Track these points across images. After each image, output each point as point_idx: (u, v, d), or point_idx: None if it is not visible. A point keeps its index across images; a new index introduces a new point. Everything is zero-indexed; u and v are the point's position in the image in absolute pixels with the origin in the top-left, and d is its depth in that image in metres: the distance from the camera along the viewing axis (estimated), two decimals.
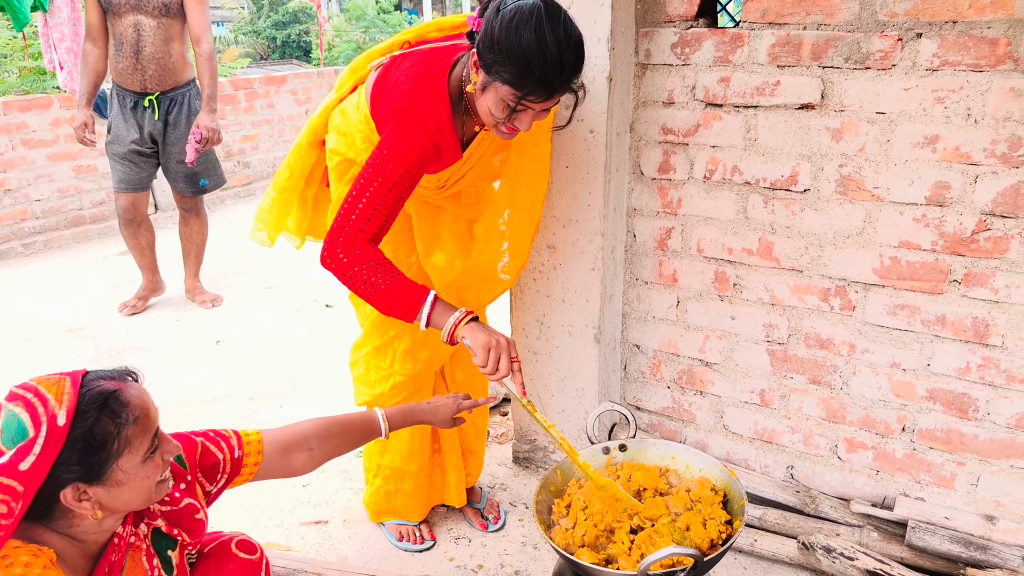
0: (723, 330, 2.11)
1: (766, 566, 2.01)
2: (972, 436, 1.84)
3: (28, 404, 1.01)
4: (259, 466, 1.38)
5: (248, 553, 1.38)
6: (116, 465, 1.06)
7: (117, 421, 1.06)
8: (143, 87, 3.53)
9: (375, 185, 1.50)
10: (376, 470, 2.11)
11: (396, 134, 1.53)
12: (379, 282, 1.48)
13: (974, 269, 1.72)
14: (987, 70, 1.59)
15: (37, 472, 0.99)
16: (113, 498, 1.08)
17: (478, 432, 2.20)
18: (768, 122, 1.86)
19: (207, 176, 3.85)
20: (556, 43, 1.37)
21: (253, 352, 3.52)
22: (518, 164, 1.80)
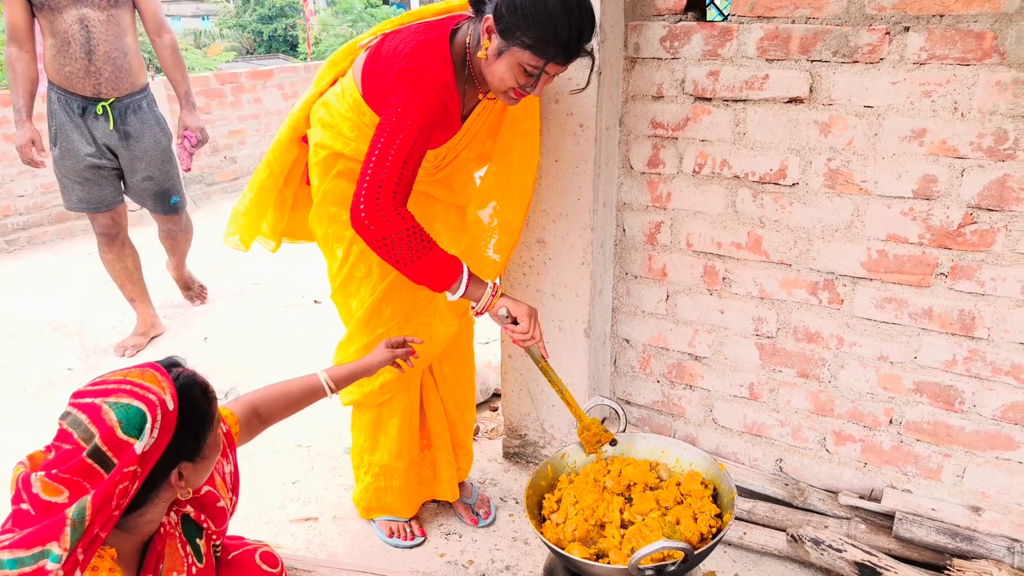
0: (712, 324, 2.11)
1: (755, 559, 2.02)
2: (958, 428, 1.85)
3: (134, 394, 1.03)
4: (239, 436, 1.44)
5: (271, 566, 1.41)
6: (207, 441, 1.14)
7: (207, 398, 1.14)
8: (96, 92, 2.97)
9: (397, 143, 1.47)
10: (366, 467, 2.10)
11: (407, 91, 1.51)
12: (419, 251, 1.47)
13: (960, 262, 1.73)
14: (974, 64, 1.59)
15: (152, 454, 1.04)
16: (199, 475, 1.14)
17: (467, 427, 2.20)
18: (757, 116, 1.86)
19: (178, 192, 3.36)
20: (578, 8, 1.41)
21: (241, 349, 3.49)
22: (510, 139, 1.80)
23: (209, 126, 6.50)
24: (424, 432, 2.13)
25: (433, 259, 1.49)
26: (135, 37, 3.07)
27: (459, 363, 2.11)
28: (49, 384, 3.17)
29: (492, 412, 2.83)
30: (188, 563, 1.22)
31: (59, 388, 3.12)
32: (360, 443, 2.09)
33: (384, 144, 1.47)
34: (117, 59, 2.96)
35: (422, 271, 1.49)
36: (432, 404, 2.09)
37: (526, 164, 1.84)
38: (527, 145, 1.82)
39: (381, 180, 1.45)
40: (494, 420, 2.76)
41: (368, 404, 1.99)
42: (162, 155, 3.20)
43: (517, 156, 1.82)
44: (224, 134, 6.65)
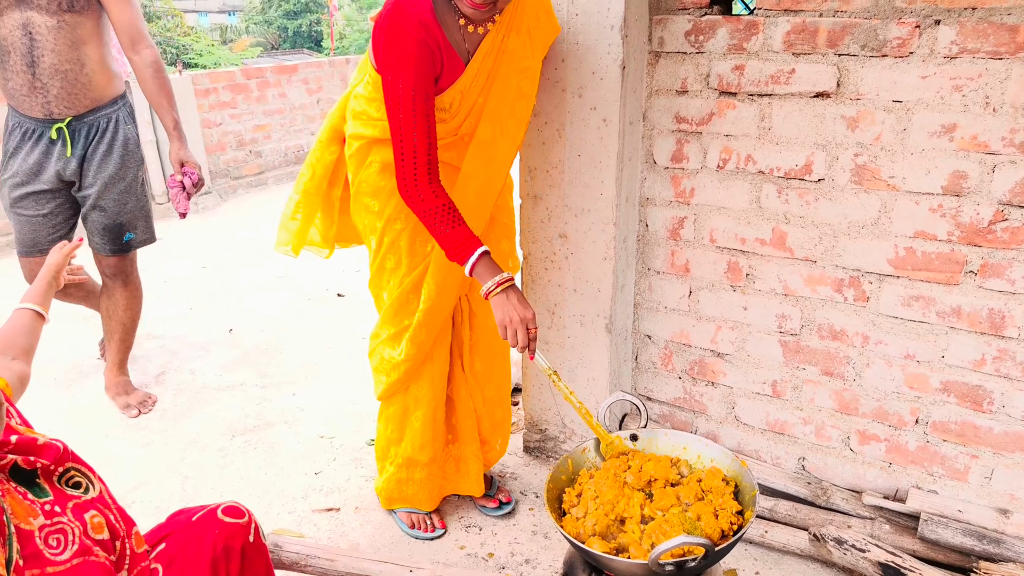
0: (735, 321, 2.10)
1: (777, 557, 2.00)
2: (987, 429, 1.82)
3: None
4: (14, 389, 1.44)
5: (235, 517, 1.39)
6: None
7: None
8: (47, 112, 2.44)
9: (400, 118, 1.58)
10: (391, 458, 2.12)
11: (385, 50, 1.56)
12: (445, 228, 1.63)
13: (991, 260, 1.70)
14: (1006, 57, 1.56)
15: None
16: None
17: (494, 424, 2.19)
18: (783, 111, 1.84)
19: (133, 227, 2.71)
20: None
21: (265, 341, 3.54)
22: (507, 75, 1.75)
23: (235, 121, 6.58)
24: (450, 427, 2.14)
25: (457, 235, 1.63)
26: (101, 46, 2.49)
27: (491, 360, 2.10)
28: (79, 373, 3.23)
29: (513, 406, 2.84)
30: (39, 506, 1.21)
31: (90, 377, 3.19)
32: (387, 434, 2.11)
33: (393, 126, 1.60)
34: (70, 72, 2.40)
35: (448, 243, 1.64)
36: (463, 399, 2.10)
37: (521, 103, 1.81)
38: (524, 84, 1.79)
39: (405, 158, 1.60)
40: (515, 414, 2.77)
41: (392, 395, 2.02)
42: (120, 180, 2.61)
43: (513, 93, 1.78)
44: (249, 128, 6.73)
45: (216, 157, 6.46)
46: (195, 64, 9.79)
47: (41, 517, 1.20)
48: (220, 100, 6.41)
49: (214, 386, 3.10)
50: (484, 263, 1.62)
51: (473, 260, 1.62)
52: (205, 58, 9.96)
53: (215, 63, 9.74)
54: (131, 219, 2.69)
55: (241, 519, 1.40)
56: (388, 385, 1.99)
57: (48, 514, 1.21)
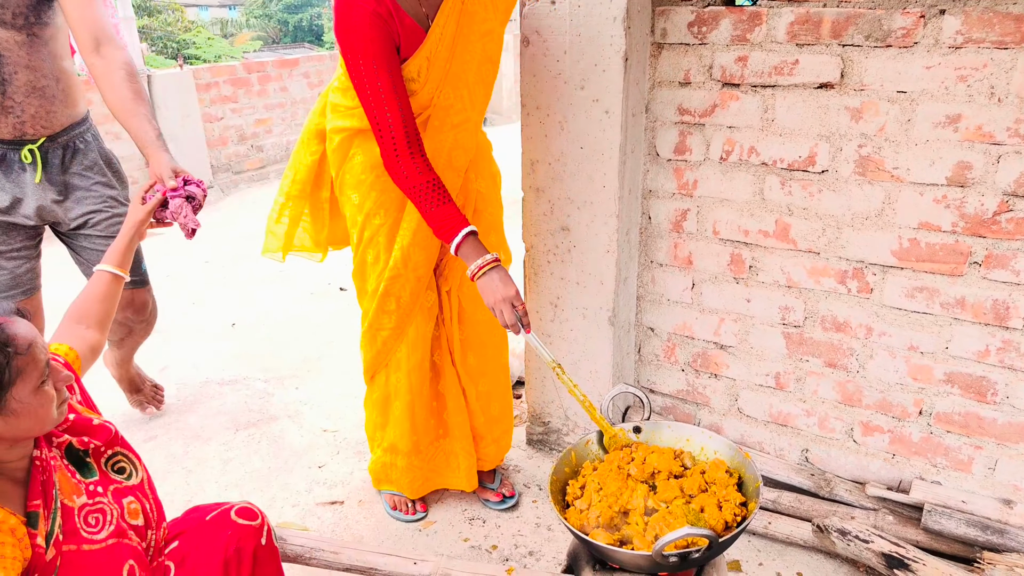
0: (738, 313, 2.10)
1: (780, 548, 2.01)
2: (990, 420, 1.82)
3: None
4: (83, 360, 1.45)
5: (248, 519, 1.40)
6: (10, 395, 1.10)
7: (5, 352, 1.09)
8: (18, 132, 2.06)
9: (369, 94, 1.58)
10: (376, 441, 2.18)
11: (340, 28, 1.56)
12: (432, 204, 1.63)
13: (995, 251, 1.69)
14: (1012, 47, 1.55)
15: None
16: (11, 428, 1.12)
17: (489, 419, 2.18)
18: (786, 102, 1.83)
19: (141, 256, 2.41)
20: None
21: (268, 335, 3.54)
22: (468, 38, 1.71)
23: (236, 115, 6.57)
24: (441, 421, 2.14)
25: (444, 212, 1.63)
26: (68, 54, 2.18)
27: (484, 354, 2.10)
28: None
29: (516, 399, 2.84)
30: (84, 485, 1.26)
31: (93, 372, 3.18)
32: (373, 419, 2.16)
33: (363, 101, 1.60)
34: (47, 88, 2.07)
35: (435, 220, 1.64)
36: (453, 395, 2.10)
37: (487, 67, 1.78)
38: (488, 46, 1.75)
39: (384, 135, 1.61)
40: (517, 407, 2.77)
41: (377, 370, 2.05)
42: (122, 203, 2.30)
43: (477, 56, 1.74)
44: (251, 123, 6.72)
45: (218, 151, 6.45)
46: (196, 58, 9.78)
47: (84, 496, 1.24)
48: (221, 94, 6.40)
49: (217, 380, 3.10)
50: (470, 243, 1.62)
51: (459, 239, 1.62)
52: (206, 52, 9.94)
53: (216, 57, 9.73)
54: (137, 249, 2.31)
55: (254, 521, 1.41)
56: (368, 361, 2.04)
57: (91, 494, 1.26)
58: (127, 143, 2.20)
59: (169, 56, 9.92)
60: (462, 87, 1.76)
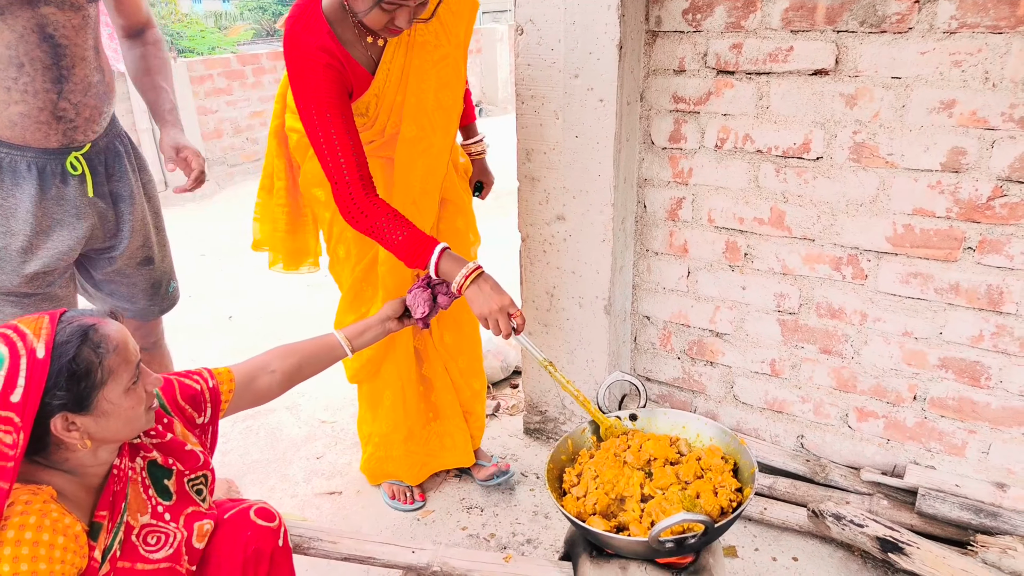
0: (734, 300, 2.10)
1: (776, 534, 2.02)
2: (984, 404, 1.83)
3: (7, 339, 1.05)
4: (233, 393, 1.45)
5: (267, 520, 1.41)
6: (101, 395, 1.11)
7: (98, 351, 1.10)
8: (67, 140, 1.67)
9: (321, 140, 1.56)
10: (367, 438, 2.19)
11: (293, 76, 1.55)
12: (396, 236, 1.58)
13: (989, 236, 1.70)
14: (1006, 32, 1.55)
15: (29, 403, 1.04)
16: (101, 428, 1.13)
17: (474, 393, 2.21)
18: (781, 89, 1.83)
19: (172, 273, 2.06)
20: None
21: (265, 327, 3.54)
22: (422, 68, 1.72)
23: (230, 107, 6.55)
24: (430, 405, 2.16)
25: (410, 239, 1.58)
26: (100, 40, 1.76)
27: (460, 332, 2.11)
28: None
29: (512, 389, 2.85)
30: (152, 504, 1.27)
31: None
32: (363, 415, 2.18)
33: (315, 145, 1.57)
34: (97, 84, 1.71)
35: (403, 250, 1.59)
36: (438, 375, 2.12)
37: (445, 92, 1.77)
38: (444, 73, 1.74)
39: (337, 179, 1.57)
40: (514, 397, 2.78)
41: (363, 380, 2.09)
42: (155, 216, 1.95)
43: (433, 84, 1.73)
44: (245, 115, 6.69)
45: (212, 144, 6.43)
46: (190, 51, 9.71)
47: (148, 516, 1.25)
48: (215, 87, 6.37)
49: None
50: (448, 259, 1.58)
51: (435, 259, 1.58)
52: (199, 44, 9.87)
53: (210, 49, 9.67)
54: (171, 262, 2.05)
55: (272, 522, 1.42)
56: (355, 371, 2.06)
57: (156, 515, 1.27)
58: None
59: None
60: (421, 116, 1.75)
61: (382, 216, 1.59)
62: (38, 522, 1.04)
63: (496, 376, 2.86)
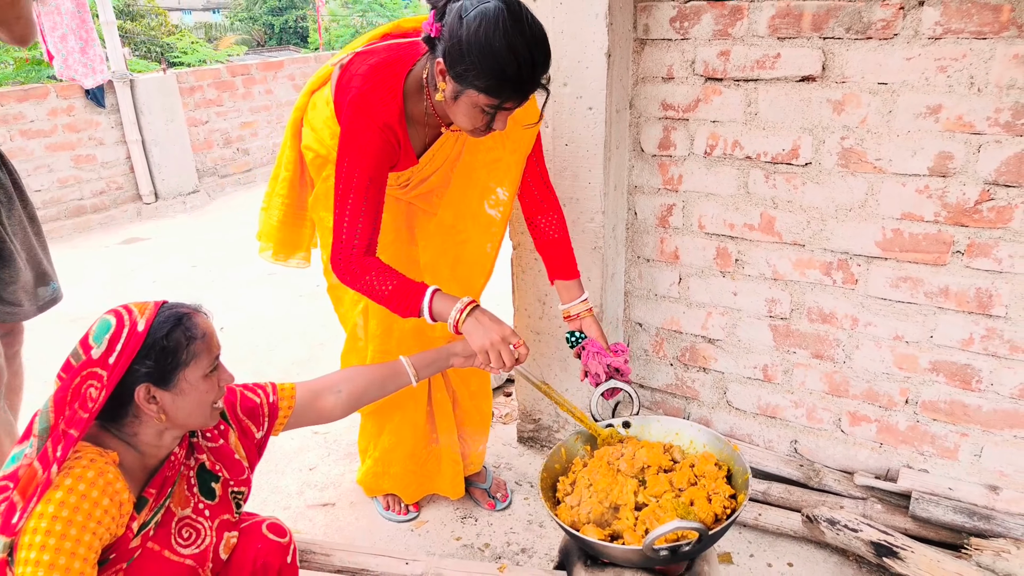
0: (725, 306, 2.11)
1: (771, 539, 2.02)
2: (975, 407, 1.84)
3: (116, 313, 1.21)
4: (292, 410, 1.52)
5: (278, 536, 1.45)
6: (183, 374, 1.23)
7: (188, 335, 1.24)
8: None
9: (350, 202, 1.52)
10: (366, 451, 2.18)
11: (348, 139, 1.51)
12: (384, 288, 1.55)
13: (977, 239, 1.71)
14: (990, 37, 1.57)
15: (119, 365, 1.17)
16: (176, 407, 1.24)
17: (482, 416, 2.18)
18: (768, 95, 1.84)
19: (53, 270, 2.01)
20: (526, 46, 1.35)
21: (257, 338, 3.53)
22: (470, 165, 1.72)
23: (221, 118, 6.54)
24: (433, 427, 2.13)
25: (399, 289, 1.54)
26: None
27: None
28: None
29: (506, 397, 2.85)
30: (194, 502, 1.35)
31: None
32: (368, 428, 2.15)
33: (339, 203, 1.53)
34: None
35: (394, 301, 1.56)
36: (440, 401, 2.08)
37: (491, 194, 1.74)
38: (495, 175, 1.73)
39: (345, 238, 1.55)
40: (508, 405, 2.78)
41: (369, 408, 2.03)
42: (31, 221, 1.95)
43: (480, 184, 1.73)
44: (236, 126, 6.69)
45: (203, 155, 6.42)
46: (180, 63, 9.70)
47: (189, 510, 1.34)
48: (206, 98, 6.37)
49: None
50: (439, 300, 1.53)
51: (427, 303, 1.53)
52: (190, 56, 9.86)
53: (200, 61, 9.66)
54: (49, 259, 2.01)
55: (283, 538, 1.46)
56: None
57: (196, 511, 1.35)
58: None
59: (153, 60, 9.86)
60: (463, 208, 1.75)
61: (372, 270, 1.55)
62: (94, 478, 1.14)
63: (495, 380, 2.85)
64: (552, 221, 1.79)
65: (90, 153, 5.56)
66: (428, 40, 1.44)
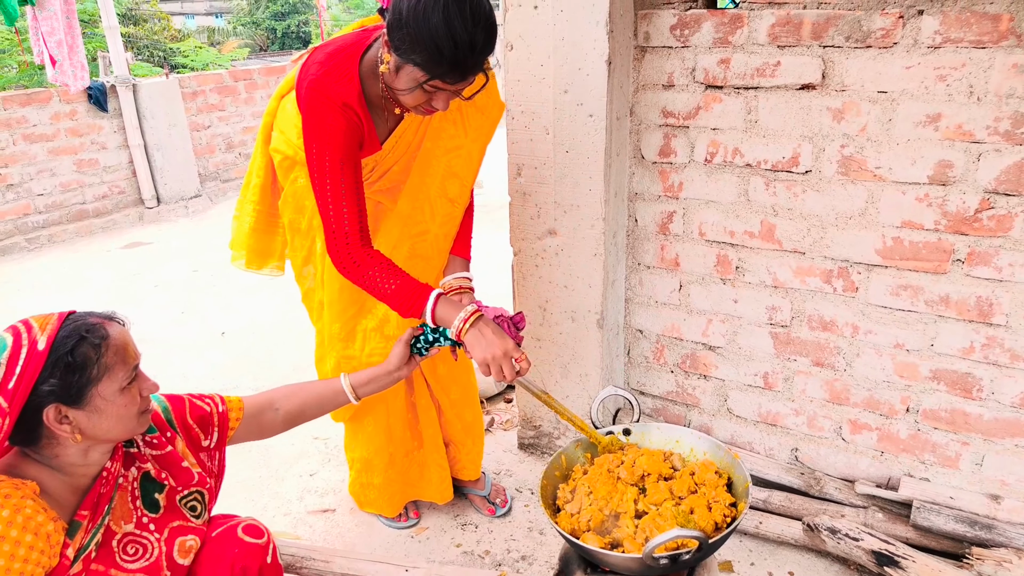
0: (726, 313, 2.11)
1: (772, 548, 2.01)
2: (976, 416, 1.83)
3: (14, 330, 1.12)
4: (240, 422, 1.48)
5: (254, 537, 1.40)
6: (95, 391, 1.14)
7: (97, 348, 1.15)
8: None
9: (328, 189, 1.50)
10: (351, 462, 2.16)
11: (311, 124, 1.49)
12: (388, 286, 1.54)
13: (977, 248, 1.71)
14: (989, 46, 1.57)
15: (20, 389, 1.08)
16: (93, 424, 1.15)
17: (465, 425, 2.15)
18: (769, 103, 1.84)
19: None
20: (465, 25, 1.31)
21: (258, 343, 3.53)
22: (431, 152, 1.69)
23: (223, 123, 6.57)
24: (416, 433, 2.11)
25: (403, 288, 1.53)
26: None
27: (453, 363, 2.03)
28: None
29: (507, 404, 2.85)
30: (138, 515, 1.28)
31: None
32: (347, 439, 2.15)
33: (318, 194, 1.52)
34: None
35: (397, 300, 1.54)
36: (424, 407, 2.07)
37: (452, 183, 1.73)
38: (455, 163, 1.71)
39: (336, 228, 1.52)
40: (509, 412, 2.77)
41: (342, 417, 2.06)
42: None
43: (440, 173, 1.71)
44: (238, 131, 6.70)
45: (205, 160, 6.43)
46: (182, 67, 9.74)
47: (131, 525, 1.27)
48: (208, 103, 6.39)
49: (208, 390, 3.08)
50: (444, 305, 1.52)
51: (431, 307, 1.52)
52: (193, 61, 9.90)
53: (203, 66, 9.69)
54: None
55: (260, 539, 1.41)
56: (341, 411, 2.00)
57: (140, 525, 1.28)
58: None
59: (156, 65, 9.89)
60: (421, 198, 1.73)
61: (375, 265, 1.54)
62: (10, 517, 1.06)
63: (490, 391, 2.86)
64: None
65: (93, 157, 5.58)
66: (381, 11, 1.45)
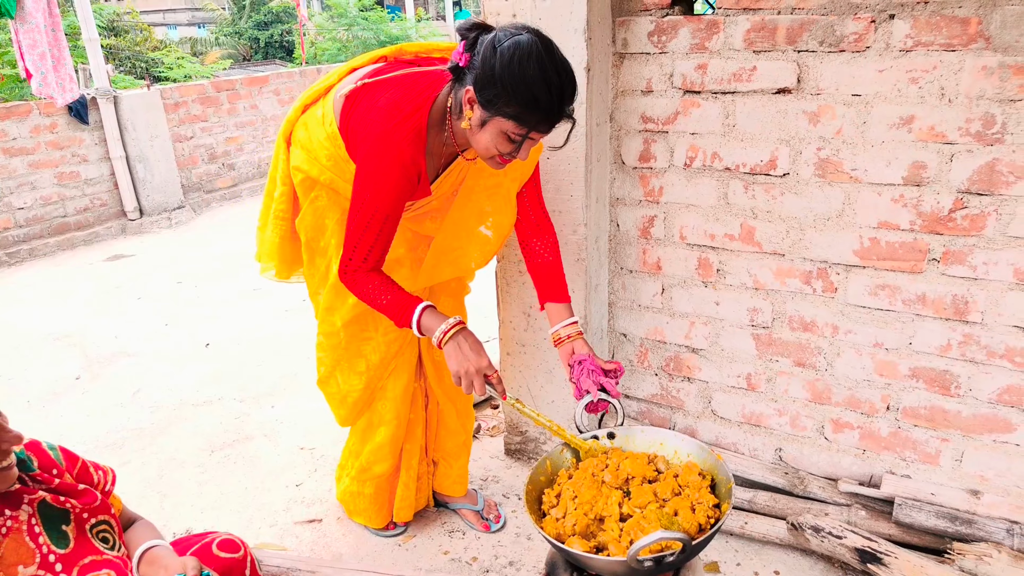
0: (708, 316, 2.12)
1: (757, 547, 2.03)
2: (955, 412, 1.86)
3: None
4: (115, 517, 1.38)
5: (230, 552, 1.37)
6: None
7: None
8: None
9: (366, 227, 1.57)
10: (348, 469, 2.16)
11: (369, 175, 1.53)
12: (382, 298, 1.62)
13: (952, 247, 1.74)
14: (959, 49, 1.60)
15: None
16: None
17: (468, 435, 2.18)
18: (746, 107, 1.87)
19: None
20: (557, 76, 1.40)
21: (242, 354, 3.51)
22: (471, 188, 1.74)
23: (206, 134, 6.53)
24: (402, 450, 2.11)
25: (395, 301, 1.62)
26: None
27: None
28: (53, 394, 3.19)
29: (493, 410, 2.85)
30: (42, 553, 1.21)
31: (64, 398, 3.14)
32: (350, 445, 2.13)
33: (355, 226, 1.58)
34: None
35: (390, 309, 1.63)
36: (413, 422, 2.07)
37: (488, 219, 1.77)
38: (495, 200, 1.75)
39: (354, 255, 1.61)
40: (495, 417, 2.78)
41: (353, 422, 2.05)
42: None
43: (477, 209, 1.76)
44: (221, 141, 6.67)
45: (188, 171, 6.40)
46: (165, 78, 9.68)
47: (34, 567, 1.18)
48: (190, 113, 6.36)
49: (192, 402, 3.07)
50: (428, 316, 1.59)
51: (417, 317, 1.58)
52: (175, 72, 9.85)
53: (185, 76, 9.64)
54: None
55: (236, 553, 1.38)
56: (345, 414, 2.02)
57: (45, 565, 1.19)
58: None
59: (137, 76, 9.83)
60: (461, 231, 1.79)
61: (373, 281, 1.62)
62: None
63: (476, 397, 2.85)
64: (547, 244, 1.80)
65: (74, 170, 5.54)
66: (455, 69, 1.47)
